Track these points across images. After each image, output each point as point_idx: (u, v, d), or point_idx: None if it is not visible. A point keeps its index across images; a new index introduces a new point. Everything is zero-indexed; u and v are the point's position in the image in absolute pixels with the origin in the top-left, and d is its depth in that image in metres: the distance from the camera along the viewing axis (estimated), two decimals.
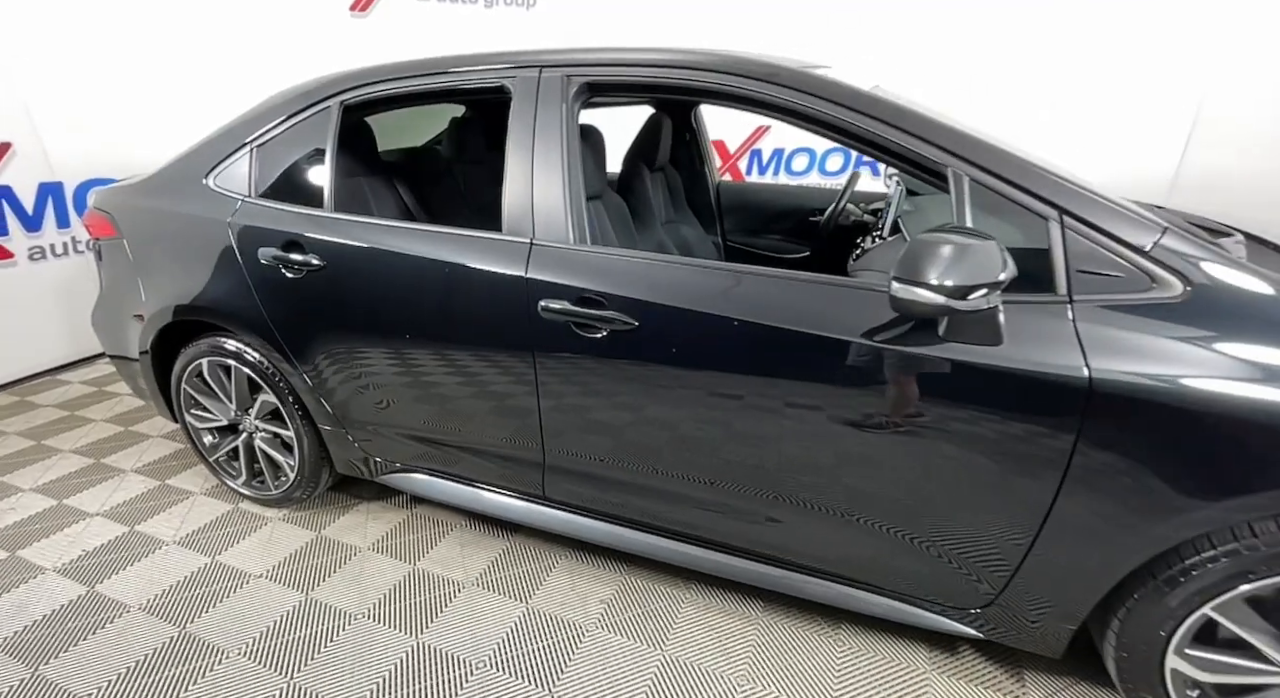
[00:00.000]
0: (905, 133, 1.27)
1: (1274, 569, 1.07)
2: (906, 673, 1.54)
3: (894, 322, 1.20)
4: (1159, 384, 1.07)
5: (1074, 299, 1.15)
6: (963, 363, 1.17)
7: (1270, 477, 1.03)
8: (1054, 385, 1.12)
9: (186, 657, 1.62)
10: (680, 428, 1.46)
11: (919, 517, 1.32)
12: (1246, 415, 1.02)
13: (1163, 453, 1.09)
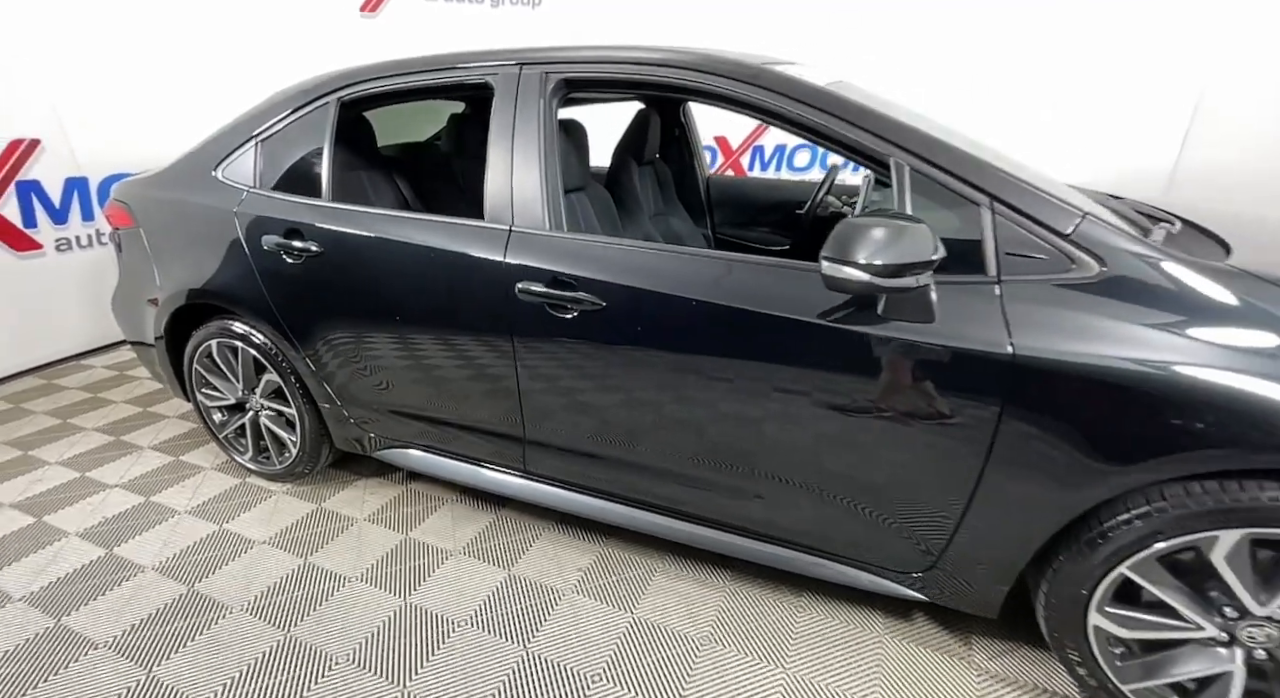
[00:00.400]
0: (851, 125, 1.36)
1: (1182, 530, 1.14)
2: (861, 636, 1.63)
3: (834, 300, 1.29)
4: (1074, 358, 1.15)
5: (1002, 279, 1.23)
6: (898, 339, 1.26)
7: (1173, 443, 1.11)
8: (980, 360, 1.21)
9: (194, 612, 1.76)
10: (645, 403, 1.56)
11: (864, 485, 1.41)
12: (1151, 386, 1.10)
13: (1078, 422, 1.17)
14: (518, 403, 1.73)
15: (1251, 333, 1.09)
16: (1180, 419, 1.09)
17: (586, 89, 1.68)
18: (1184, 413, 1.09)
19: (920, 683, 1.50)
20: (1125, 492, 1.18)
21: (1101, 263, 1.18)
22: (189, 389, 2.36)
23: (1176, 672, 1.26)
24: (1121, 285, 1.16)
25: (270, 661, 1.59)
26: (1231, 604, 1.18)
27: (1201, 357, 1.08)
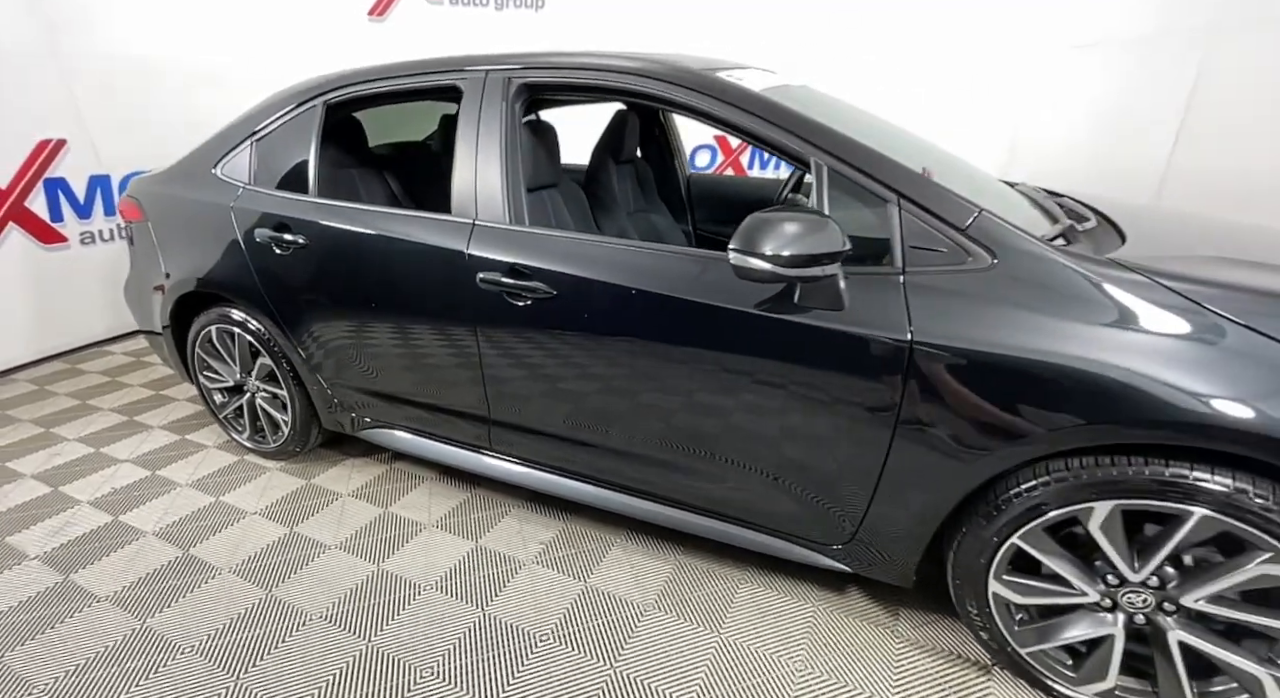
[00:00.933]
0: (778, 127, 1.46)
1: (1063, 502, 1.24)
2: (795, 606, 1.74)
3: (756, 289, 1.40)
4: (963, 344, 1.25)
5: (906, 271, 1.33)
6: (811, 326, 1.36)
7: (1050, 421, 1.20)
8: (883, 345, 1.31)
9: (187, 572, 1.92)
10: (591, 386, 1.68)
11: (787, 463, 1.52)
12: (1031, 369, 1.20)
13: (968, 403, 1.27)
14: (482, 385, 1.87)
15: (1115, 320, 1.18)
16: (1056, 399, 1.19)
17: (546, 93, 1.80)
18: (1059, 394, 1.18)
19: (843, 648, 1.60)
20: (1013, 467, 1.28)
21: (993, 256, 1.28)
22: (192, 372, 2.54)
23: (1066, 636, 1.35)
24: (1010, 277, 1.26)
25: (252, 616, 1.75)
26: (1112, 572, 1.28)
27: (1074, 342, 1.18)
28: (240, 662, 1.60)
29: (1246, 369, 1.09)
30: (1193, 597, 1.22)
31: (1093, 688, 1.36)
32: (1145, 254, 1.32)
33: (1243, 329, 1.11)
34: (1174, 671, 1.27)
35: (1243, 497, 1.10)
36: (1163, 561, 1.22)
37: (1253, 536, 1.12)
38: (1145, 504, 1.18)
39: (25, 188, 3.58)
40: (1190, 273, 1.21)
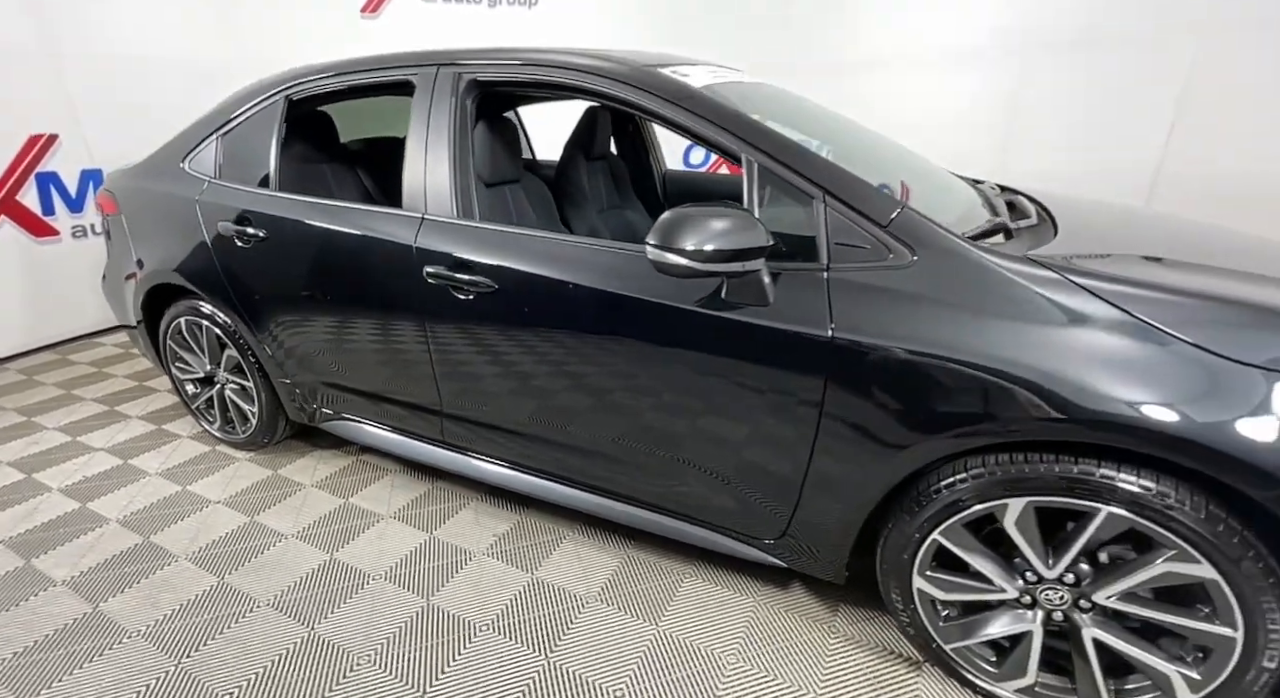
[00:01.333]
0: (712, 124, 1.47)
1: (979, 498, 1.24)
2: (736, 601, 1.75)
3: (688, 285, 1.41)
4: (880, 341, 1.25)
5: (830, 267, 1.34)
6: (737, 321, 1.37)
7: (963, 418, 1.20)
8: (806, 341, 1.32)
9: (146, 558, 1.96)
10: (533, 379, 1.70)
11: (721, 457, 1.53)
12: (944, 364, 1.20)
13: (885, 399, 1.27)
14: (433, 378, 1.89)
15: (1024, 316, 1.17)
16: (966, 395, 1.19)
17: (494, 88, 1.82)
18: (968, 389, 1.19)
19: (778, 642, 1.61)
20: (931, 464, 1.28)
21: (913, 252, 1.28)
22: (165, 364, 2.58)
23: (988, 632, 1.36)
24: (928, 273, 1.26)
25: (202, 601, 1.78)
26: (1030, 569, 1.28)
27: (984, 338, 1.18)
28: (185, 646, 1.63)
29: (1151, 368, 1.08)
30: (1104, 594, 1.22)
31: (1014, 684, 1.37)
32: (1065, 251, 1.32)
33: (1149, 328, 1.10)
34: (1090, 668, 1.27)
35: (1146, 495, 1.10)
36: (1074, 558, 1.22)
37: (1157, 533, 1.12)
38: (1055, 501, 1.19)
39: (17, 181, 3.65)
40: (1102, 271, 1.21)
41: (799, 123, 2.23)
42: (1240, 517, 1.07)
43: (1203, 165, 4.01)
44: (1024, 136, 4.69)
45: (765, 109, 2.12)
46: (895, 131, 5.04)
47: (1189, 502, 1.08)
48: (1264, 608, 1.08)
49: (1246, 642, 1.12)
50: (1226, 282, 1.29)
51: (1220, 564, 1.09)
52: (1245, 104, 3.82)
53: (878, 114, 5.34)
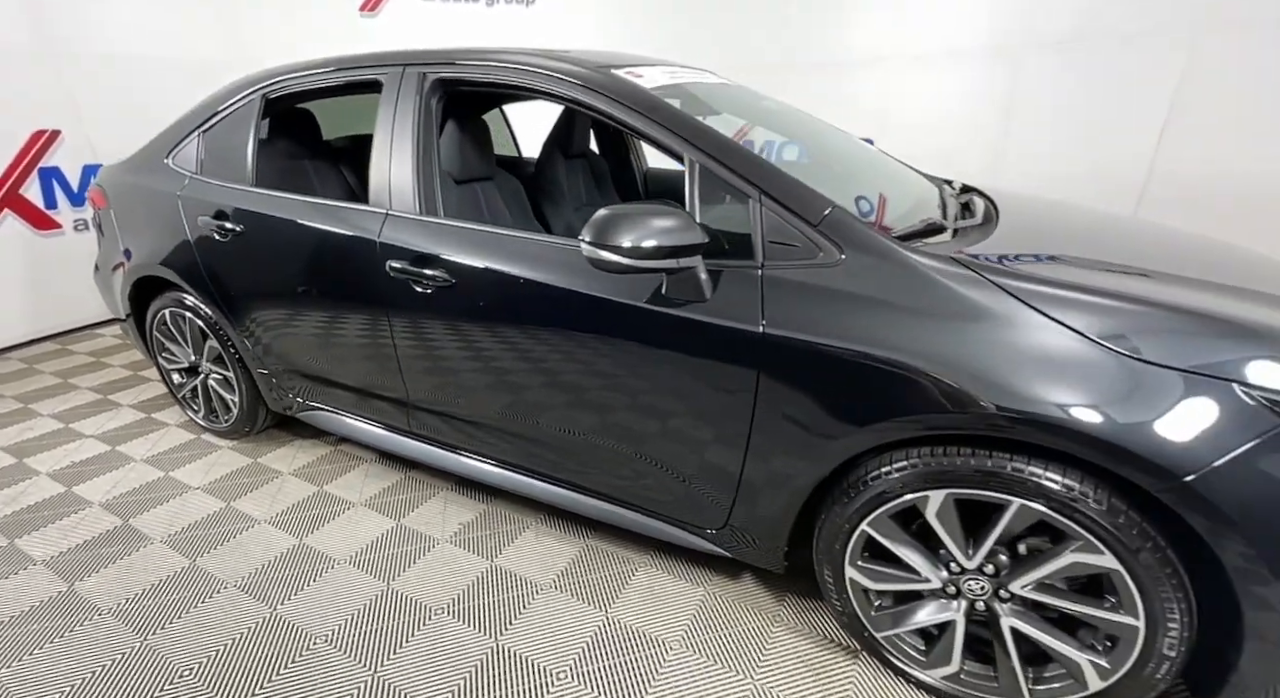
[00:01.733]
0: (657, 125, 1.51)
1: (903, 490, 1.27)
2: (686, 591, 1.79)
3: (630, 281, 1.46)
4: (807, 336, 1.29)
5: (764, 265, 1.37)
6: (674, 316, 1.41)
7: (888, 411, 1.24)
8: (740, 336, 1.35)
9: (123, 541, 2.03)
10: (488, 370, 1.75)
11: (665, 449, 1.57)
12: (865, 360, 1.24)
13: (812, 393, 1.31)
14: (398, 369, 1.94)
15: (942, 313, 1.21)
16: (886, 390, 1.23)
17: (457, 87, 1.86)
18: (888, 384, 1.22)
19: (722, 629, 1.65)
20: (860, 457, 1.32)
21: (841, 251, 1.31)
22: (152, 353, 2.66)
23: (915, 621, 1.39)
24: (855, 271, 1.30)
25: (172, 582, 1.85)
26: (953, 559, 1.31)
27: (903, 334, 1.21)
28: (152, 625, 1.70)
29: (1057, 366, 1.11)
30: (1019, 584, 1.25)
31: (940, 672, 1.40)
32: (990, 251, 1.35)
33: (1059, 327, 1.13)
34: (1008, 655, 1.30)
35: (1053, 488, 1.13)
36: (991, 548, 1.26)
37: (1065, 525, 1.15)
38: (971, 494, 1.22)
39: (20, 176, 3.75)
40: (1018, 270, 1.24)
41: (764, 120, 2.28)
42: (1139, 510, 1.10)
43: (1197, 165, 3.99)
44: (1018, 136, 4.68)
45: (731, 107, 2.17)
46: (894, 130, 5.05)
47: (1092, 495, 1.11)
48: (1163, 598, 1.11)
49: (1148, 631, 1.15)
50: (1151, 285, 1.31)
51: (1121, 555, 1.12)
52: (1239, 105, 3.79)
53: (876, 112, 5.37)
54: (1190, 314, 1.13)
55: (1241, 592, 1.04)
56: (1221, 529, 1.02)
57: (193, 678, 1.54)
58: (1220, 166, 3.92)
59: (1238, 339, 1.09)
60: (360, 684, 1.51)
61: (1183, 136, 4.01)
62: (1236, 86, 3.76)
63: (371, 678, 1.53)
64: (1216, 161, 3.90)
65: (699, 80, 2.11)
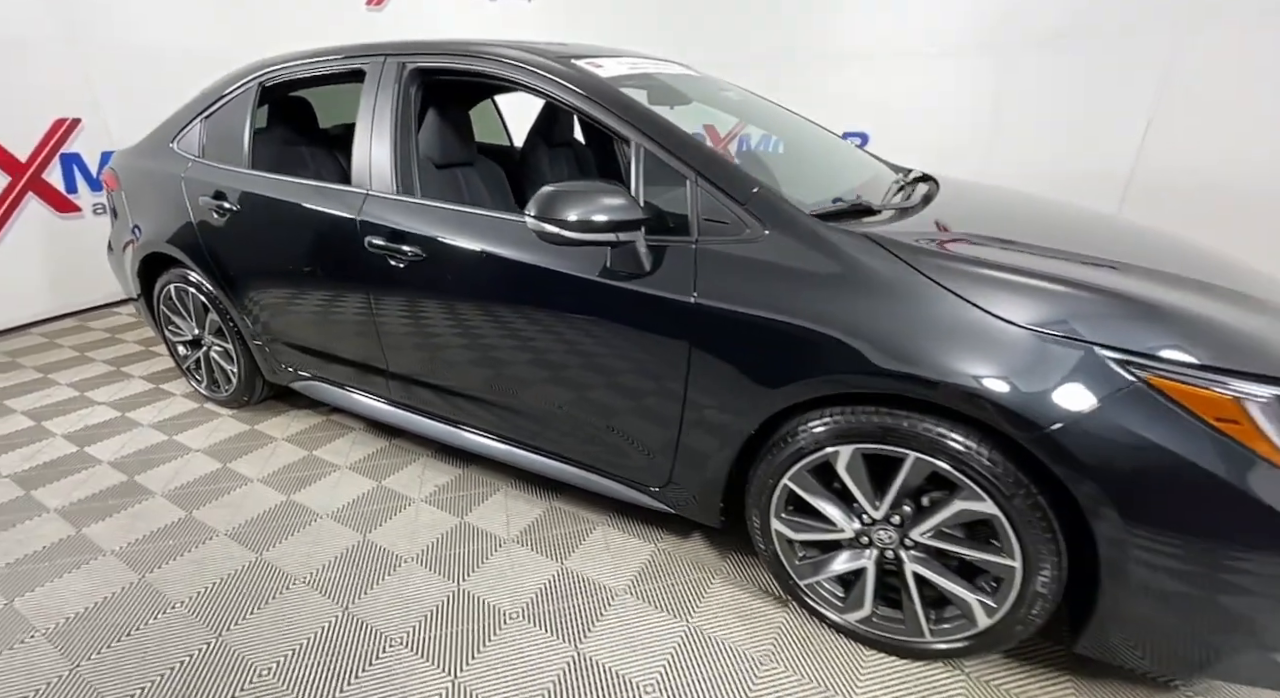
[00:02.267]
0: (607, 110, 1.63)
1: (817, 446, 1.40)
2: (637, 547, 1.92)
3: (577, 254, 1.59)
4: (732, 305, 1.41)
5: (698, 240, 1.50)
6: (617, 287, 1.54)
7: (801, 372, 1.35)
8: (674, 305, 1.48)
9: (127, 494, 2.21)
10: (456, 338, 1.89)
11: (614, 411, 1.70)
12: (781, 326, 1.36)
13: (737, 356, 1.43)
14: (378, 340, 2.09)
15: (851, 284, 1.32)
16: (799, 354, 1.35)
17: (434, 76, 2.00)
18: (801, 349, 1.34)
19: (666, 581, 1.78)
20: (779, 415, 1.44)
21: (765, 227, 1.43)
22: (159, 327, 2.84)
23: (833, 569, 1.52)
24: (777, 245, 1.41)
25: (169, 531, 2.02)
26: (865, 511, 1.43)
27: (816, 302, 1.33)
28: (151, 564, 1.87)
29: (944, 329, 1.23)
30: (919, 531, 1.37)
31: (854, 615, 1.52)
32: (904, 230, 1.46)
33: (947, 294, 1.24)
34: (912, 599, 1.42)
35: (941, 441, 1.25)
36: (894, 499, 1.37)
37: (954, 476, 1.27)
38: (874, 448, 1.34)
39: (43, 162, 3.96)
40: (920, 246, 1.35)
41: (729, 108, 2.40)
42: (1014, 459, 1.21)
43: (1182, 158, 4.02)
44: (1006, 129, 4.73)
45: (699, 95, 2.29)
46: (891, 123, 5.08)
47: (975, 447, 1.23)
48: (1035, 541, 1.22)
49: (1025, 571, 1.26)
50: (1036, 259, 1.38)
51: (999, 502, 1.23)
52: (1224, 101, 3.82)
53: (872, 105, 5.42)
54: (1063, 283, 1.24)
55: (1096, 531, 1.15)
56: (1078, 475, 1.13)
57: (183, 610, 1.70)
58: (1207, 160, 3.95)
59: (1101, 306, 1.19)
60: (332, 618, 1.67)
61: (1171, 126, 4.04)
62: (1222, 81, 3.79)
63: (343, 613, 1.68)
64: (1204, 154, 3.94)
65: (665, 71, 2.23)
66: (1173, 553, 1.12)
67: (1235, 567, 1.09)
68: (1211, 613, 1.14)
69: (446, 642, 1.59)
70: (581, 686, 1.47)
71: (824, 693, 1.44)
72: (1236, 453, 1.07)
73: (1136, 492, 1.11)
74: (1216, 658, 1.19)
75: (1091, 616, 1.23)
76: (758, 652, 1.55)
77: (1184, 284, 1.34)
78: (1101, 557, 1.17)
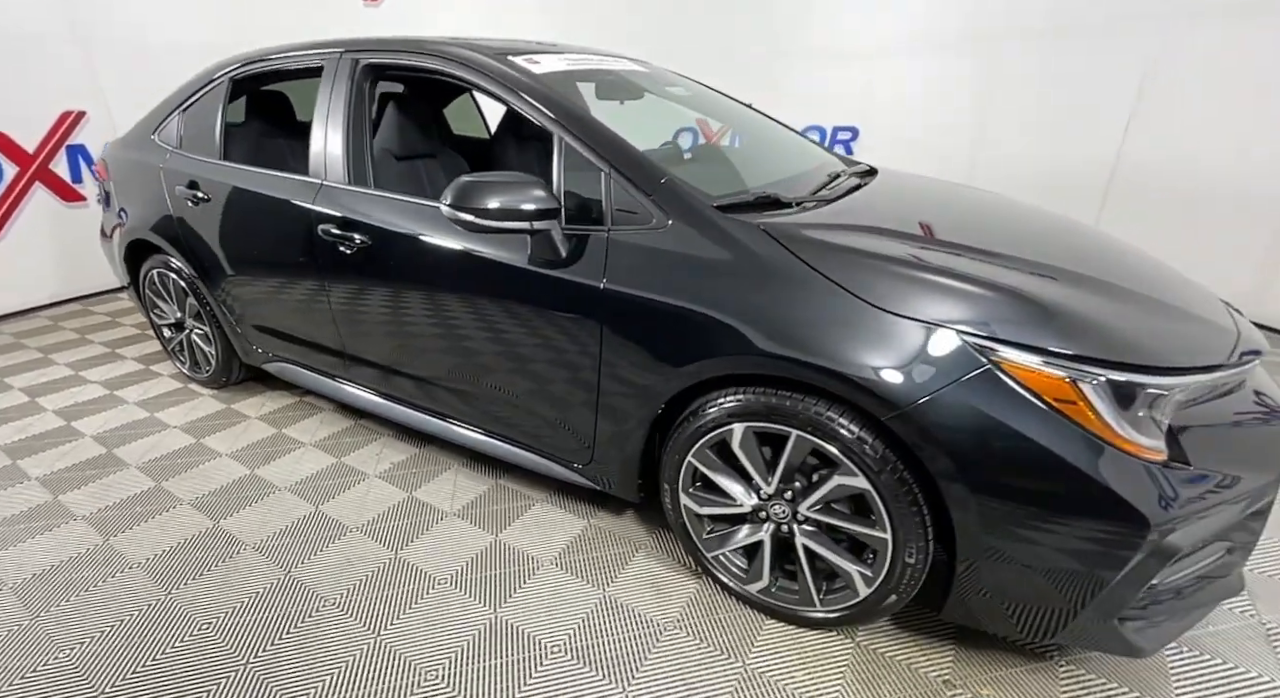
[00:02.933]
0: (533, 106, 1.72)
1: (715, 425, 1.47)
2: (569, 522, 2.01)
3: (501, 241, 1.68)
4: (636, 290, 1.49)
5: (611, 229, 1.58)
6: (538, 273, 1.63)
7: (695, 353, 1.43)
8: (586, 290, 1.57)
9: (105, 465, 2.36)
10: (398, 321, 1.99)
11: (541, 391, 1.79)
12: (678, 311, 1.44)
13: (643, 338, 1.52)
14: (334, 322, 2.20)
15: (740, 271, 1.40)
16: (700, 337, 1.43)
17: (382, 73, 2.10)
18: (701, 333, 1.42)
19: (591, 553, 1.87)
20: (684, 393, 1.52)
21: (669, 217, 1.51)
22: (145, 310, 2.99)
23: (735, 541, 1.60)
24: (678, 234, 1.49)
25: (139, 498, 2.16)
26: (760, 487, 1.51)
27: (710, 289, 1.41)
28: (115, 528, 2.01)
29: (821, 314, 1.30)
30: (805, 506, 1.45)
31: (755, 586, 1.60)
32: (800, 222, 1.52)
33: (826, 281, 1.32)
34: (803, 570, 1.50)
35: (820, 419, 1.32)
36: (782, 474, 1.45)
37: (830, 453, 1.34)
38: (762, 426, 1.42)
39: (50, 153, 4.14)
40: (809, 236, 1.42)
41: (680, 101, 2.47)
42: (881, 437, 1.28)
43: (1162, 154, 4.00)
44: (993, 124, 4.74)
45: (653, 88, 2.37)
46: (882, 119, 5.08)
47: (847, 425, 1.30)
48: (903, 514, 1.29)
49: (895, 542, 1.33)
50: (918, 249, 1.44)
51: (870, 477, 1.30)
52: (1204, 97, 3.80)
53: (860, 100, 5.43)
54: (930, 271, 1.31)
55: (950, 504, 1.22)
56: (933, 450, 1.20)
57: (139, 570, 1.83)
58: (1187, 153, 3.93)
59: (962, 294, 1.26)
60: (274, 580, 1.79)
61: (1150, 123, 4.02)
62: (1203, 77, 3.76)
63: (285, 576, 1.80)
64: (1179, 152, 3.92)
65: (615, 67, 2.31)
66: (1016, 524, 1.18)
67: (1071, 536, 1.16)
68: (1053, 580, 1.21)
69: (375, 604, 1.70)
70: (493, 645, 1.57)
71: (721, 657, 1.53)
72: (1073, 431, 1.13)
73: (984, 467, 1.18)
74: (1062, 623, 1.25)
75: (952, 583, 1.30)
76: (665, 619, 1.64)
77: (1050, 272, 1.40)
78: (956, 528, 1.24)
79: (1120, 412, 1.15)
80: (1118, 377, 1.15)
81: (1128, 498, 1.11)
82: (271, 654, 1.55)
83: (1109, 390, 1.14)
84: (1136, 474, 1.13)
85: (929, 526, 1.30)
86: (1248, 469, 1.23)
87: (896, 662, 1.50)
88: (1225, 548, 1.29)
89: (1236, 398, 1.32)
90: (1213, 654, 1.50)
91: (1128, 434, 1.14)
